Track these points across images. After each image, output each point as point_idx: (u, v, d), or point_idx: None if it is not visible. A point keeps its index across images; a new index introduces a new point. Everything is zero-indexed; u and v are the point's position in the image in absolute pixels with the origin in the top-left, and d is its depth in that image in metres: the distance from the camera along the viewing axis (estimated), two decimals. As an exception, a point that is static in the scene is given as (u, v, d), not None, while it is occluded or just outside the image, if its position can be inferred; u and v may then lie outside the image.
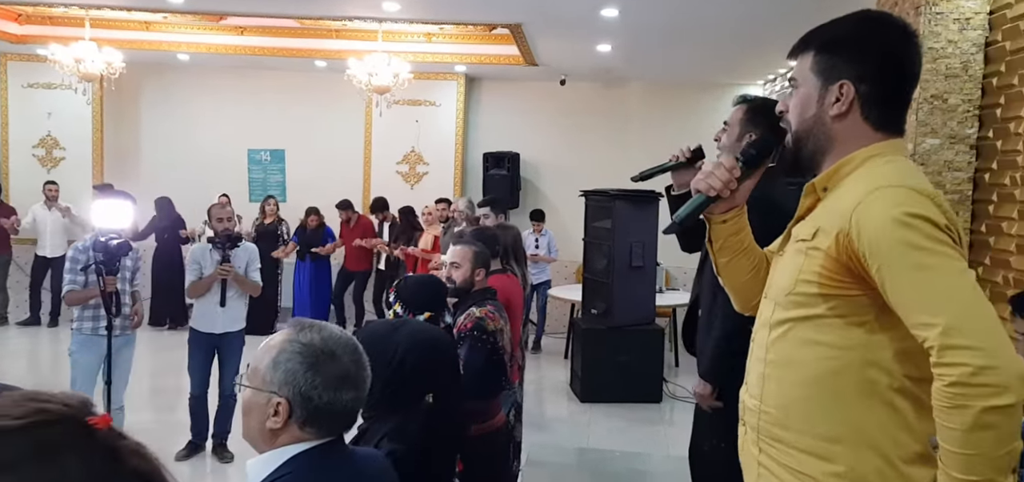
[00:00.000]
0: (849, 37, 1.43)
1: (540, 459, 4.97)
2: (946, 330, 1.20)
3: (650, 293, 6.56)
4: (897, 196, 1.29)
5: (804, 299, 1.41)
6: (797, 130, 1.49)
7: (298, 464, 1.37)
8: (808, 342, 1.41)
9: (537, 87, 8.94)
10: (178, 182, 8.76)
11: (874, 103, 1.41)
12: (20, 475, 0.72)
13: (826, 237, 1.37)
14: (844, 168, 1.43)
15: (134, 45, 7.74)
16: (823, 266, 1.37)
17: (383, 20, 6.46)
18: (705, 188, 1.54)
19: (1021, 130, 3.50)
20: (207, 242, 4.80)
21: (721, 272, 1.71)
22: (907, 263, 1.26)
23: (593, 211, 6.58)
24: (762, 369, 1.50)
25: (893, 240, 1.27)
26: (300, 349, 1.40)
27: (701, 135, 8.89)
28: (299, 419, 1.38)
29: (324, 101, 9.04)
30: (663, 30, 6.15)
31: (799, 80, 1.49)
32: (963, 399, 1.18)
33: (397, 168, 9.15)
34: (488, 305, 3.08)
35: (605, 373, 6.25)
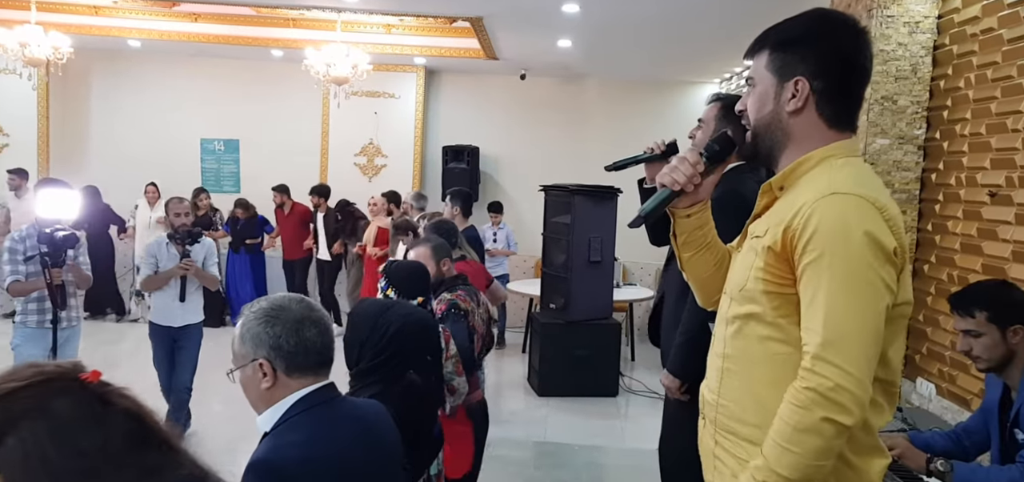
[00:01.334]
0: (803, 35, 1.47)
1: (498, 454, 4.97)
2: (825, 343, 1.29)
3: (608, 288, 6.62)
4: (862, 208, 1.33)
5: (755, 296, 1.44)
6: (755, 126, 1.53)
7: (300, 406, 1.60)
8: (761, 338, 1.45)
9: (497, 81, 8.94)
10: (128, 171, 8.55)
11: (828, 99, 1.45)
12: (30, 424, 0.94)
13: (774, 235, 1.40)
14: (801, 167, 1.46)
15: (82, 30, 7.51)
16: (768, 263, 1.41)
17: (342, 10, 6.38)
18: (669, 182, 1.56)
19: (967, 132, 3.61)
20: (166, 237, 4.79)
21: (685, 266, 1.73)
22: (841, 273, 1.30)
23: (552, 206, 6.60)
24: (720, 363, 1.54)
25: (846, 247, 1.31)
26: (254, 317, 1.63)
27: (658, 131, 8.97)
28: (282, 369, 1.61)
29: (280, 91, 8.90)
30: (622, 27, 6.19)
31: (756, 78, 1.52)
32: (811, 404, 1.29)
33: (355, 160, 9.06)
34: (459, 289, 3.29)
35: (563, 367, 6.29)
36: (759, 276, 1.43)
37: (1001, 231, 3.32)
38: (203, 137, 9.12)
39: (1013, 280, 3.13)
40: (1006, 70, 3.34)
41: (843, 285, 1.30)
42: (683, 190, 1.57)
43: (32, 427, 0.95)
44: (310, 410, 1.60)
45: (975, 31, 3.59)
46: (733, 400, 1.49)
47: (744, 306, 1.47)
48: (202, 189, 8.43)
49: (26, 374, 0.99)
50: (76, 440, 0.95)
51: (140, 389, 1.06)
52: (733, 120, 2.59)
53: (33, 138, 8.71)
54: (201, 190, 8.38)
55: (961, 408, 3.50)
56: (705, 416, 1.61)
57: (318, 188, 8.29)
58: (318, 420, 1.60)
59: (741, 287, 1.48)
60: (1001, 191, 3.33)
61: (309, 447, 1.55)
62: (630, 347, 7.85)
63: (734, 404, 1.49)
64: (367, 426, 1.70)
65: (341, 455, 1.59)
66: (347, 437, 1.63)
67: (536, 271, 8.41)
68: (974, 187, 3.53)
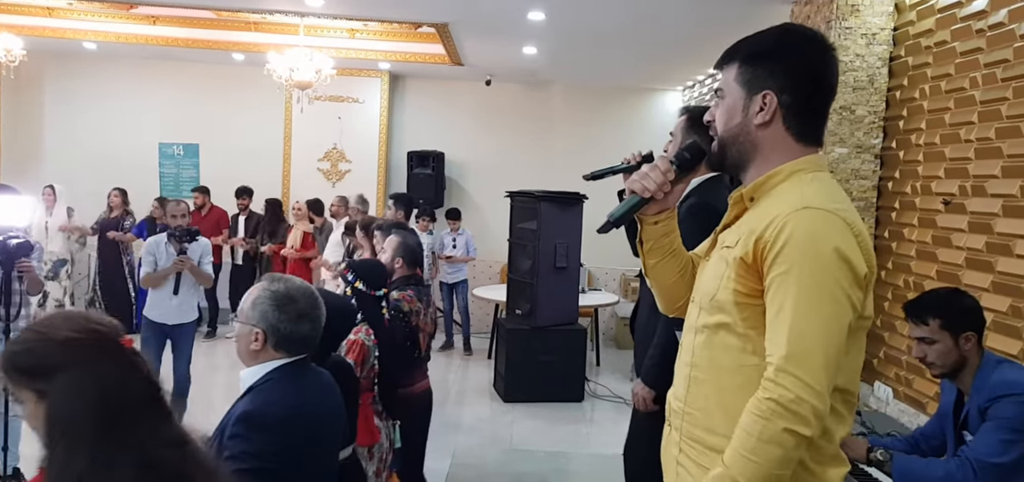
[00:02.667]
0: (771, 50, 1.49)
1: (465, 460, 4.96)
2: (789, 356, 1.32)
3: (573, 294, 6.64)
4: (833, 224, 1.35)
5: (725, 306, 1.46)
6: (723, 136, 1.55)
7: (277, 373, 1.97)
8: (729, 348, 1.46)
9: (463, 86, 8.93)
10: (84, 176, 8.35)
11: (795, 114, 1.47)
12: (79, 369, 1.18)
13: (745, 246, 1.42)
14: (771, 180, 1.48)
15: (36, 31, 7.32)
16: (739, 274, 1.43)
17: (305, 14, 6.31)
18: (640, 189, 1.57)
19: (922, 142, 3.71)
20: (165, 235, 5.02)
21: (649, 273, 1.74)
22: (808, 287, 1.33)
23: (518, 212, 6.61)
24: (688, 371, 1.55)
25: (815, 261, 1.33)
26: (270, 295, 1.99)
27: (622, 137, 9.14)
28: (272, 343, 1.98)
29: (241, 95, 8.77)
30: (588, 35, 6.23)
31: (725, 90, 1.54)
32: (772, 415, 1.32)
33: (318, 165, 8.97)
34: (408, 290, 3.52)
35: (528, 373, 6.29)
36: (729, 286, 1.45)
37: (955, 238, 3.41)
38: (162, 141, 8.94)
39: (966, 287, 3.23)
40: (959, 82, 3.44)
41: (809, 299, 1.32)
42: (652, 197, 1.58)
43: (80, 373, 1.18)
44: (286, 376, 1.97)
45: (929, 44, 3.69)
46: (700, 409, 1.51)
47: (714, 316, 1.49)
48: (119, 188, 8.08)
49: (84, 326, 1.25)
50: (111, 391, 1.18)
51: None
52: (700, 131, 2.63)
53: (-16, 142, 8.47)
54: (117, 189, 8.07)
55: (917, 411, 3.58)
56: (671, 423, 1.63)
57: (241, 189, 8.22)
58: (292, 384, 1.97)
59: (711, 296, 1.50)
60: (955, 200, 3.42)
61: (285, 405, 1.92)
62: (595, 352, 7.89)
63: (701, 413, 1.51)
64: (324, 389, 2.11)
65: (307, 410, 1.98)
66: (312, 398, 2.02)
67: (502, 277, 8.41)
68: (929, 195, 3.63)
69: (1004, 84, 3.15)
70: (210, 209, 8.25)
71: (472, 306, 8.19)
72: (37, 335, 1.25)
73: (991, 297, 3.11)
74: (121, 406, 1.19)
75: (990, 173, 3.20)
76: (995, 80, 3.20)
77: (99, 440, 1.15)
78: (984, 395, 2.23)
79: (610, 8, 5.29)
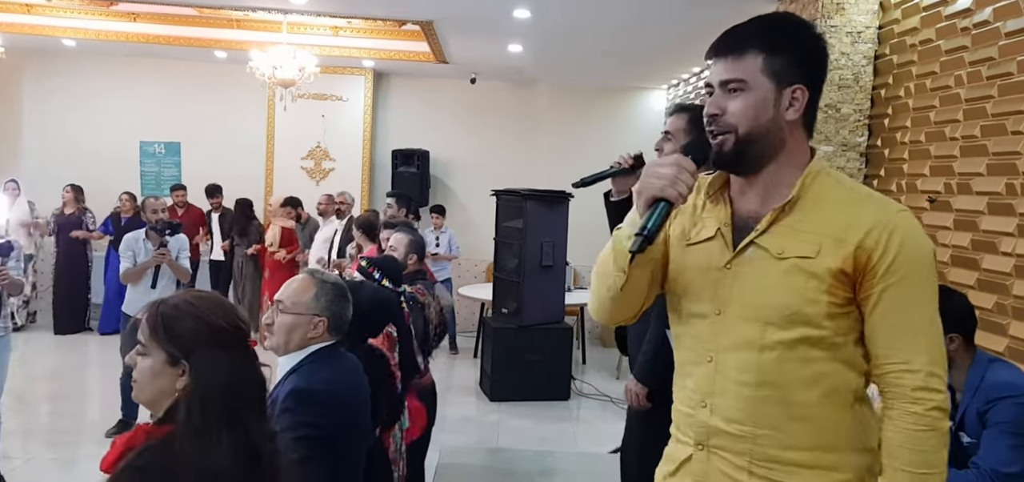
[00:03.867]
0: (794, 40, 1.42)
1: (451, 460, 4.93)
2: (932, 361, 1.34)
3: (560, 293, 6.63)
4: (919, 228, 1.38)
5: (813, 319, 1.37)
6: (749, 132, 1.40)
7: (317, 355, 2.12)
8: (810, 360, 1.38)
9: (447, 84, 8.89)
10: (64, 175, 8.20)
11: (810, 109, 1.43)
12: (228, 354, 1.43)
13: (838, 255, 1.35)
14: (808, 180, 1.41)
15: (14, 28, 7.20)
16: (831, 286, 1.35)
17: (289, 12, 6.25)
18: (675, 196, 1.38)
19: (907, 139, 3.72)
20: (143, 231, 5.05)
21: (629, 277, 1.50)
22: (931, 294, 1.36)
23: (504, 210, 6.59)
24: (750, 393, 1.41)
25: (930, 268, 1.36)
26: (333, 288, 2.20)
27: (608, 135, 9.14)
28: (330, 329, 2.15)
29: (224, 93, 8.67)
30: (573, 33, 6.22)
31: (749, 82, 1.39)
32: (939, 422, 1.34)
33: (302, 163, 8.89)
34: (418, 283, 3.63)
35: (514, 372, 6.28)
36: (820, 299, 1.35)
37: (940, 236, 3.43)
38: (142, 139, 8.82)
39: (953, 283, 3.24)
40: (944, 80, 3.46)
41: (930, 304, 1.36)
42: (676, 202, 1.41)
43: (220, 356, 1.42)
44: (324, 358, 2.12)
45: (914, 42, 3.71)
46: (773, 428, 1.40)
47: (792, 330, 1.37)
48: (73, 185, 8.01)
49: (232, 320, 1.48)
50: (237, 378, 1.42)
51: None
52: (701, 129, 2.61)
53: (-40, 140, 8.33)
54: (70, 186, 8.00)
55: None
56: (721, 449, 1.45)
57: (211, 188, 8.18)
58: (333, 363, 2.14)
59: (791, 311, 1.37)
60: (940, 197, 3.44)
61: (330, 381, 2.08)
62: (581, 351, 7.89)
63: (775, 432, 1.40)
64: (357, 371, 2.25)
65: (348, 387, 2.15)
66: (349, 375, 2.19)
67: (487, 275, 8.39)
68: (914, 193, 3.64)
69: (989, 82, 3.17)
70: (188, 208, 8.18)
71: (458, 305, 8.16)
72: (195, 311, 1.45)
73: (976, 295, 3.13)
74: (240, 394, 1.42)
75: (975, 171, 3.22)
76: (980, 78, 3.22)
77: (219, 416, 1.37)
78: (982, 397, 2.24)
79: (596, 7, 5.28)
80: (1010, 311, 2.99)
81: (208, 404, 1.38)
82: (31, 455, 4.78)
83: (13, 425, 5.20)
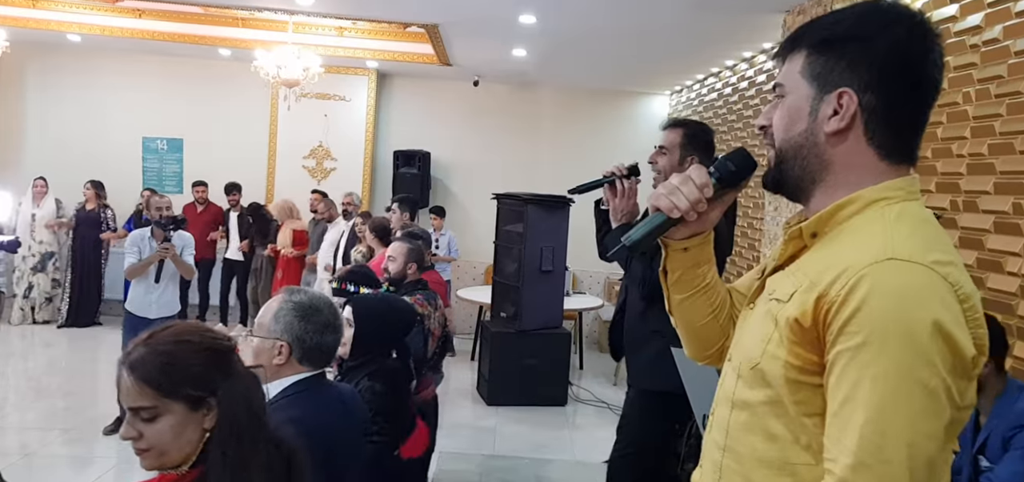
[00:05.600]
0: (853, 33, 1.10)
1: (448, 466, 4.92)
2: (857, 467, 0.95)
3: (559, 298, 6.62)
4: (933, 287, 0.97)
5: (771, 380, 1.09)
6: (782, 147, 1.17)
7: (298, 387, 1.93)
8: (774, 438, 1.10)
9: (450, 86, 8.88)
10: (67, 169, 8.22)
11: (881, 120, 1.09)
12: (234, 378, 1.38)
13: (802, 303, 1.05)
14: (842, 212, 1.10)
15: (19, 22, 7.18)
16: (791, 341, 1.06)
17: (295, 13, 6.24)
18: (667, 207, 1.21)
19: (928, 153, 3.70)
20: (148, 228, 5.06)
21: (673, 310, 1.38)
22: (893, 373, 0.95)
23: (504, 214, 6.57)
24: (718, 457, 1.19)
25: (904, 338, 0.95)
26: (293, 306, 1.96)
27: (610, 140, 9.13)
28: (297, 356, 1.94)
29: (227, 90, 8.68)
30: (578, 38, 6.21)
31: (787, 86, 1.16)
32: None
33: (304, 163, 8.88)
34: (418, 294, 3.58)
35: (512, 376, 6.26)
36: (778, 355, 1.07)
37: (945, 253, 3.41)
38: (145, 135, 8.82)
39: (956, 302, 3.22)
40: (952, 97, 3.44)
41: (892, 389, 0.94)
42: (683, 218, 1.21)
43: (235, 381, 1.38)
44: (304, 391, 1.94)
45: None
46: None
47: (756, 390, 1.11)
48: (93, 181, 8.04)
49: (220, 335, 1.44)
50: (251, 395, 1.40)
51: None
52: (699, 145, 2.59)
53: (-37, 134, 8.33)
54: (91, 182, 8.03)
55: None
56: None
57: (230, 185, 8.18)
58: (309, 400, 1.94)
59: (752, 363, 1.12)
60: (946, 214, 3.42)
61: (302, 422, 1.81)
62: (579, 356, 7.87)
63: None
64: (343, 405, 2.07)
65: (325, 428, 1.92)
66: (329, 414, 1.98)
67: (486, 278, 8.37)
68: (919, 209, 3.62)
69: (998, 100, 3.15)
70: (207, 205, 8.19)
71: (456, 307, 8.14)
72: (198, 345, 1.38)
73: (980, 313, 3.10)
74: (255, 402, 1.41)
75: (982, 189, 3.20)
76: (989, 96, 3.20)
77: (248, 434, 1.35)
78: (1008, 422, 2.21)
79: (601, 12, 5.27)
80: (1015, 331, 2.98)
81: (240, 430, 1.35)
82: (48, 444, 4.81)
83: (31, 418, 5.22)
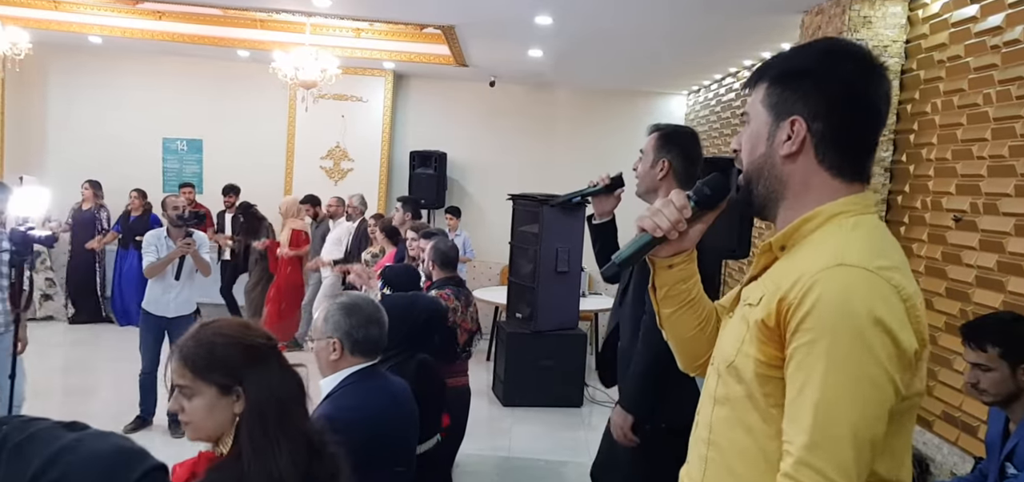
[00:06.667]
0: (805, 69, 1.26)
1: (464, 467, 4.92)
2: (811, 445, 1.09)
3: (574, 299, 6.61)
4: (875, 288, 1.11)
5: (743, 376, 1.24)
6: (747, 170, 1.33)
7: (353, 378, 2.24)
8: (750, 429, 1.23)
9: (466, 87, 8.90)
10: (87, 171, 8.31)
11: (830, 144, 1.24)
12: (265, 369, 1.55)
13: (768, 306, 1.19)
14: (805, 226, 1.25)
15: (41, 24, 7.27)
16: (759, 340, 1.20)
17: (313, 14, 6.28)
18: (651, 227, 1.36)
19: (933, 156, 3.67)
20: (164, 229, 5.13)
21: (664, 324, 1.52)
22: (839, 362, 1.09)
23: (520, 215, 6.58)
24: (704, 450, 1.32)
25: (849, 333, 1.10)
26: (339, 307, 2.28)
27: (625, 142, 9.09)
28: (348, 349, 2.24)
29: (246, 91, 8.75)
30: (594, 39, 6.20)
31: (750, 114, 1.32)
32: None
33: (321, 163, 8.94)
34: (447, 289, 3.84)
35: (528, 377, 6.26)
36: (749, 352, 1.22)
37: (965, 256, 3.38)
38: (165, 136, 8.92)
39: (976, 306, 3.20)
40: (972, 98, 3.41)
41: (839, 376, 1.09)
42: (666, 237, 1.36)
43: (264, 372, 1.53)
44: (359, 382, 2.22)
45: (942, 58, 3.66)
46: None
47: (733, 386, 1.26)
48: (91, 181, 8.10)
49: (260, 333, 1.61)
50: (281, 387, 1.54)
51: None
52: (672, 149, 2.60)
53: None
54: (89, 182, 8.08)
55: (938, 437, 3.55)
56: None
57: (227, 187, 8.24)
58: (364, 390, 2.22)
59: (728, 362, 1.27)
60: (966, 216, 3.39)
61: (356, 411, 2.16)
62: (595, 357, 7.84)
63: None
64: (394, 396, 2.33)
65: (377, 416, 2.22)
66: (381, 404, 2.26)
67: (502, 278, 8.38)
68: (939, 211, 3.59)
69: (1019, 102, 3.12)
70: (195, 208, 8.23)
71: (472, 308, 8.15)
72: (231, 338, 1.56)
73: (1001, 316, 3.07)
74: (288, 399, 1.54)
75: (1003, 191, 3.17)
76: (1010, 97, 3.17)
77: (275, 427, 1.49)
78: None
79: (618, 13, 5.25)
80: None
81: (266, 419, 1.49)
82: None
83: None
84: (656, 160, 2.61)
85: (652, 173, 2.61)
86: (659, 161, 2.60)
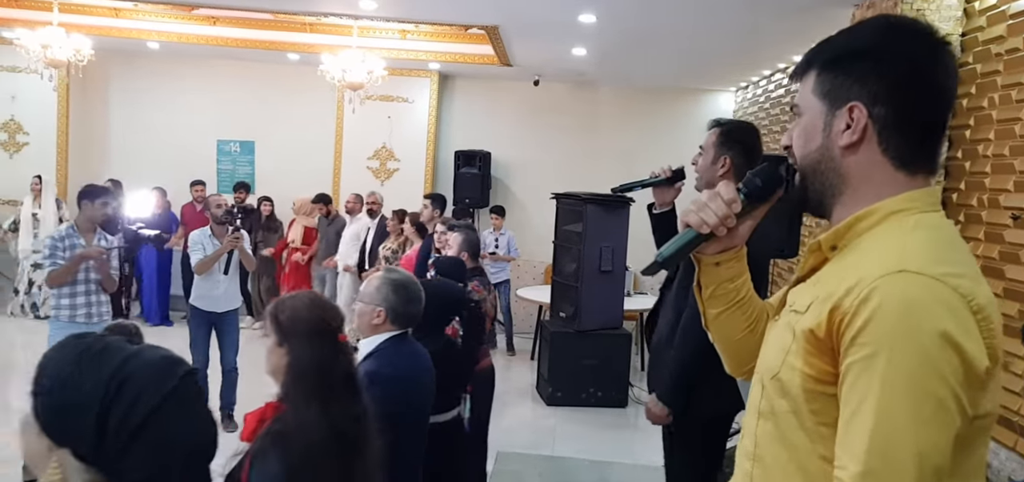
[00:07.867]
0: (862, 49, 1.13)
1: (507, 466, 4.94)
2: (866, 474, 0.97)
3: (619, 298, 6.57)
4: (943, 299, 0.99)
5: (790, 391, 1.12)
6: (802, 165, 1.21)
7: (388, 343, 2.50)
8: (796, 448, 1.12)
9: (510, 87, 8.93)
10: (146, 171, 8.59)
11: (894, 131, 1.11)
12: (310, 339, 1.81)
13: (817, 314, 1.07)
14: (859, 224, 1.13)
15: (103, 31, 7.55)
16: (807, 352, 1.09)
17: (359, 17, 6.38)
18: (697, 223, 1.25)
19: (990, 153, 3.56)
20: (208, 227, 5.25)
21: (710, 325, 1.42)
22: (902, 383, 0.97)
23: (564, 214, 6.57)
24: (748, 467, 1.22)
25: (912, 349, 0.97)
26: (390, 282, 2.52)
27: (670, 140, 9.02)
28: (390, 319, 2.50)
29: (296, 94, 8.94)
30: (638, 36, 6.17)
31: (802, 106, 1.20)
32: None
33: (368, 163, 9.07)
34: (475, 279, 4.02)
35: (572, 376, 6.26)
36: (795, 365, 1.10)
37: (1023, 255, 3.27)
38: (219, 138, 9.17)
39: (1035, 306, 3.09)
40: (978, 101, 3.32)
41: (900, 398, 0.96)
42: (713, 233, 1.26)
43: (308, 342, 1.80)
44: (391, 347, 2.48)
45: (1000, 51, 3.54)
46: None
47: (777, 400, 1.14)
48: (112, 180, 8.13)
49: (321, 314, 1.88)
50: (325, 362, 1.79)
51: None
52: (733, 146, 2.56)
53: (53, 138, 8.79)
54: (110, 181, 8.08)
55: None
56: None
57: (239, 184, 8.41)
58: (400, 352, 2.50)
59: (773, 374, 1.15)
60: (972, 211, 3.26)
61: (396, 367, 2.45)
62: (640, 357, 7.80)
63: None
64: (421, 358, 2.59)
65: (412, 373, 2.51)
66: (414, 363, 2.55)
67: (546, 277, 8.38)
68: (997, 209, 3.48)
69: (1018, 105, 3.01)
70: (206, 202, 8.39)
71: (515, 306, 8.19)
72: (293, 306, 1.87)
73: (1061, 318, 2.97)
74: (328, 376, 1.77)
75: (1003, 187, 3.06)
76: (1010, 101, 3.06)
77: (311, 393, 1.72)
78: None
79: (663, 9, 5.22)
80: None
81: (301, 381, 1.75)
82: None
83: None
84: (717, 157, 2.57)
85: (713, 170, 2.57)
86: (720, 157, 2.56)
